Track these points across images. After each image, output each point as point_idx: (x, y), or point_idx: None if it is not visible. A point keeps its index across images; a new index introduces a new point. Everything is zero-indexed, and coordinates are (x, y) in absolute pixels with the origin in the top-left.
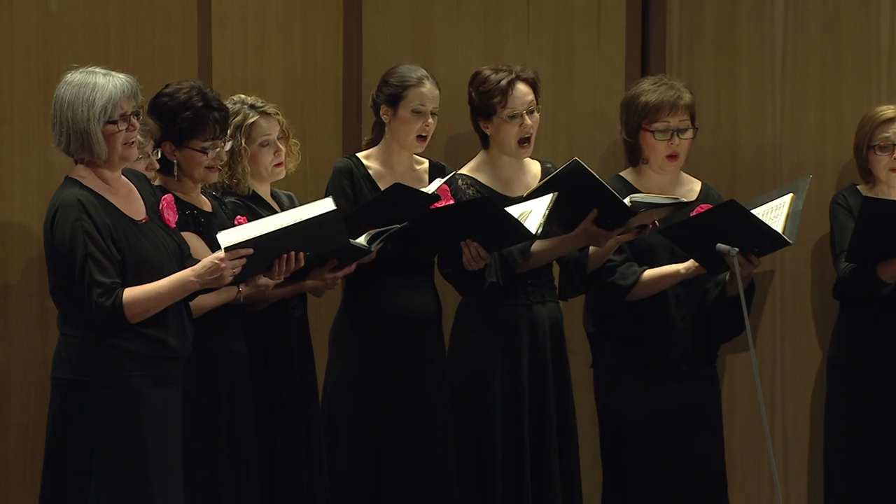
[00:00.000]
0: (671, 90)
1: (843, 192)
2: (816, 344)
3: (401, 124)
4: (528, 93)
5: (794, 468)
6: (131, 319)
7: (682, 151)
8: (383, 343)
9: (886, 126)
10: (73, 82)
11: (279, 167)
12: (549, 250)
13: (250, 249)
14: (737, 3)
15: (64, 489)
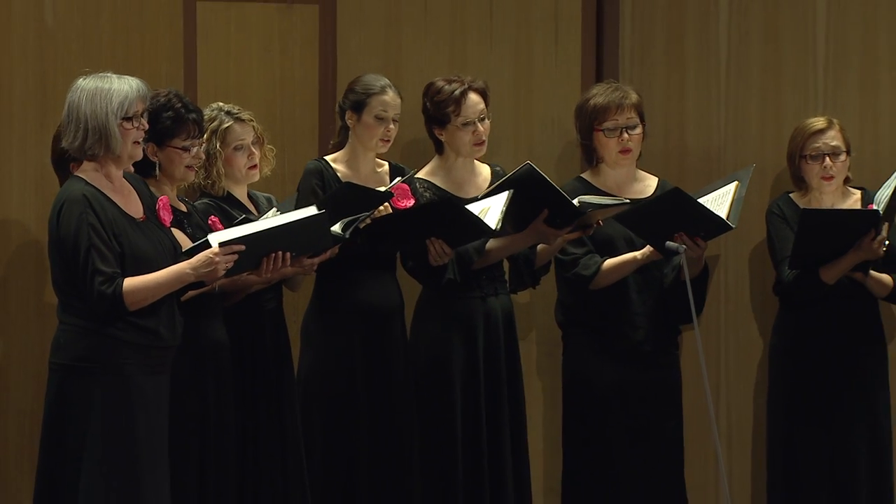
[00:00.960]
0: (617, 91)
1: (777, 201)
2: (758, 335)
3: (364, 129)
4: (479, 102)
5: (738, 451)
6: (130, 307)
7: (633, 146)
8: (352, 332)
9: (817, 137)
10: (89, 84)
11: (253, 170)
12: (502, 248)
13: (242, 246)
14: (684, 18)
15: (58, 469)
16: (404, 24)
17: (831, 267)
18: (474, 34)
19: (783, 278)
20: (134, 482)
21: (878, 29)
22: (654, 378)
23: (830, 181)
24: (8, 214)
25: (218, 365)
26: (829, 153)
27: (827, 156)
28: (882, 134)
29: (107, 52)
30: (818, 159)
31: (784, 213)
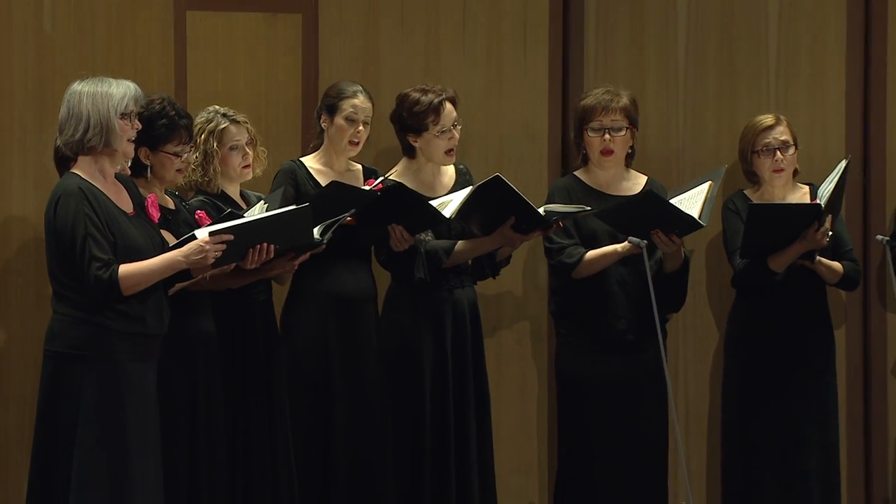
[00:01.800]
0: (607, 94)
1: (732, 197)
2: (714, 324)
3: (336, 131)
4: (452, 110)
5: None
6: (125, 292)
7: (616, 148)
8: (328, 318)
9: (767, 133)
10: (88, 84)
11: (246, 169)
12: (469, 250)
13: (231, 235)
14: (644, 28)
15: (52, 451)
16: (382, 33)
17: (779, 256)
18: (448, 43)
19: (735, 266)
20: (124, 464)
21: (825, 37)
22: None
23: (781, 173)
24: (9, 211)
25: (207, 355)
26: (779, 147)
27: (777, 150)
28: (829, 132)
29: (102, 58)
30: (769, 154)
31: (737, 207)
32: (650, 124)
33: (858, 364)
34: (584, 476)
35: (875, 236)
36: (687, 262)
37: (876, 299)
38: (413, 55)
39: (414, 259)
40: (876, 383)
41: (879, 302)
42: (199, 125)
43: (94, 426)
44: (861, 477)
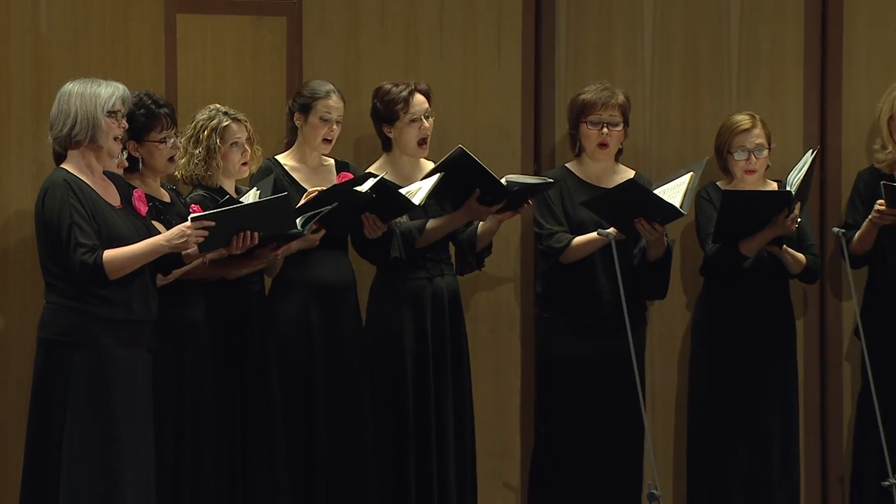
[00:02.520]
0: (606, 91)
1: (706, 187)
2: (682, 311)
3: (310, 129)
4: (423, 101)
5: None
6: (110, 275)
7: (611, 142)
8: (310, 305)
9: (743, 136)
10: (79, 84)
11: (245, 167)
12: (441, 226)
13: (212, 222)
14: (613, 31)
15: (43, 433)
16: (363, 35)
17: (749, 241)
18: (426, 46)
19: (706, 251)
20: (113, 447)
21: (784, 41)
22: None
23: (753, 174)
24: (7, 205)
25: (195, 343)
26: (753, 150)
27: (751, 152)
28: (788, 131)
29: (95, 59)
30: (743, 155)
31: (710, 196)
32: None
33: (815, 350)
34: (560, 456)
35: (832, 228)
36: (669, 250)
37: (830, 289)
38: (392, 56)
39: (389, 242)
40: (832, 368)
41: (833, 293)
42: (201, 122)
43: (83, 410)
44: (818, 456)
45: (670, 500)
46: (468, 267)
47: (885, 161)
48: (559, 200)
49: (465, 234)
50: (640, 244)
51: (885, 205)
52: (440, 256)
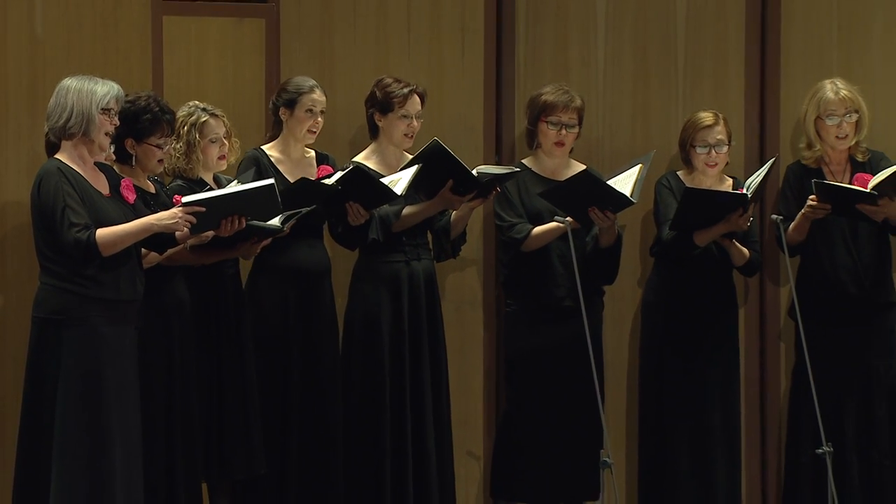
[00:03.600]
0: (566, 94)
1: (667, 176)
2: (633, 289)
3: (296, 122)
4: (419, 103)
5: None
6: (103, 251)
7: (567, 142)
8: (288, 289)
9: (706, 132)
10: (77, 81)
11: (222, 160)
12: (417, 213)
13: (203, 208)
14: (568, 32)
15: (37, 406)
16: (336, 36)
17: (704, 233)
18: (395, 45)
19: (662, 237)
20: (103, 419)
21: (726, 42)
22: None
23: (714, 168)
24: (5, 195)
25: (181, 320)
26: (714, 145)
27: (712, 147)
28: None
29: (87, 58)
30: (705, 149)
31: (671, 185)
32: None
33: (755, 330)
34: (522, 431)
35: (770, 216)
36: (620, 237)
37: (768, 276)
38: (364, 56)
39: (368, 225)
40: (770, 346)
41: (770, 279)
42: (181, 118)
43: (74, 384)
44: (757, 426)
45: (623, 467)
46: (444, 254)
47: (810, 158)
48: (517, 193)
49: (440, 223)
50: (593, 232)
51: (816, 200)
52: (418, 241)
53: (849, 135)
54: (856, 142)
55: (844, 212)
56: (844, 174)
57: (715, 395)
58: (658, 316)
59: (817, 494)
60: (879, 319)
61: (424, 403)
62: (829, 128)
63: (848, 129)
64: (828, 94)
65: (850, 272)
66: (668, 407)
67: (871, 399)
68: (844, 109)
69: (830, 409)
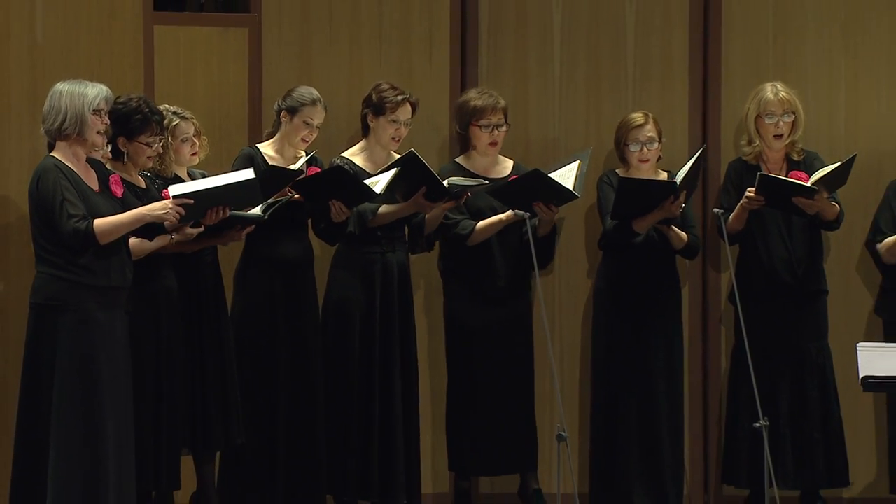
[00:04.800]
0: (491, 97)
1: (608, 173)
2: (584, 278)
3: (293, 129)
4: (409, 111)
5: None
6: (100, 239)
7: (499, 140)
8: (274, 279)
9: (637, 131)
10: (68, 85)
11: (194, 156)
12: (392, 213)
13: (191, 200)
14: (527, 39)
15: (35, 387)
16: (314, 44)
17: (641, 220)
18: (368, 54)
19: (605, 226)
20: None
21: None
22: (511, 313)
23: (646, 163)
24: (7, 189)
25: (168, 306)
26: (646, 142)
27: (644, 144)
28: (675, 128)
29: (84, 63)
30: (637, 147)
31: (611, 181)
32: (532, 118)
33: (698, 314)
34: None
35: (712, 209)
36: (555, 227)
37: (710, 263)
38: (339, 62)
39: (344, 230)
40: (712, 329)
41: (712, 266)
42: None
43: (70, 364)
44: (700, 402)
45: (576, 439)
46: (419, 247)
47: (751, 154)
48: None
49: (416, 219)
50: (528, 224)
51: (754, 192)
52: (395, 234)
53: (784, 134)
54: (791, 141)
55: (779, 205)
56: (781, 171)
57: (660, 373)
58: (608, 301)
59: (754, 464)
60: (811, 305)
61: (393, 383)
62: (768, 126)
63: (784, 129)
64: (768, 94)
65: (784, 262)
66: (617, 385)
67: (802, 378)
68: (782, 110)
69: (766, 387)
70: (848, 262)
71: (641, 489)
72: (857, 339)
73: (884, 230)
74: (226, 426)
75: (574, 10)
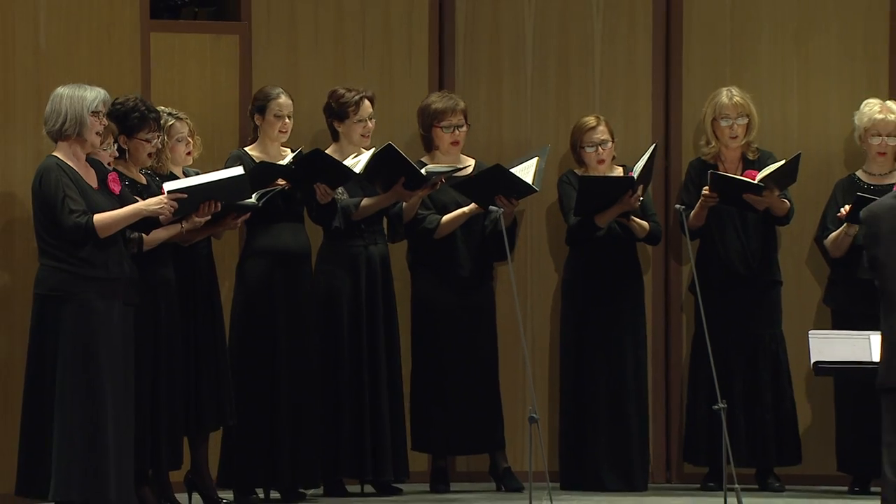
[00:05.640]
0: (451, 100)
1: (567, 174)
2: (553, 271)
3: (268, 125)
4: (369, 106)
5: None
6: (100, 233)
7: (460, 140)
8: (274, 268)
9: (590, 133)
10: (69, 89)
11: (189, 156)
12: (373, 204)
13: (185, 195)
14: (501, 47)
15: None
16: (300, 51)
17: (603, 215)
18: (351, 58)
19: (569, 223)
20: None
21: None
22: (474, 300)
23: (602, 163)
24: (14, 185)
25: (167, 296)
26: (599, 143)
27: (598, 146)
28: (639, 128)
29: (84, 68)
30: (592, 148)
31: (571, 181)
32: (504, 119)
33: (661, 303)
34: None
35: (674, 206)
36: (515, 220)
37: (671, 256)
38: (324, 66)
39: (334, 214)
40: (674, 318)
41: (673, 258)
42: None
43: (72, 350)
44: (662, 386)
45: (546, 421)
46: (398, 236)
47: (709, 154)
48: None
49: (393, 210)
50: (491, 217)
51: (709, 190)
52: (374, 228)
53: (739, 135)
54: (746, 142)
55: (731, 201)
56: (737, 171)
57: (626, 359)
58: (575, 291)
59: (712, 444)
60: (765, 295)
61: (379, 367)
62: (724, 128)
63: (738, 131)
64: (723, 99)
65: (739, 255)
66: (586, 369)
67: (757, 363)
68: (736, 113)
69: (724, 372)
70: (800, 256)
71: (609, 467)
72: (808, 327)
73: (829, 226)
74: (218, 408)
75: (545, 19)
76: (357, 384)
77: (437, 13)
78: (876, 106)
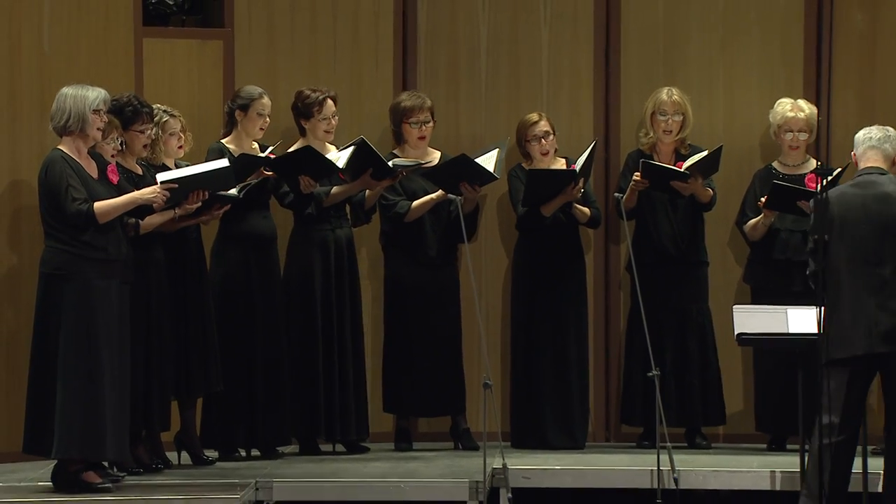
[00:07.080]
0: (419, 98)
1: (515, 168)
2: (504, 254)
3: (249, 122)
4: (332, 105)
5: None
6: (100, 219)
7: (427, 135)
8: (248, 250)
9: (533, 128)
10: (72, 89)
11: (180, 149)
12: (342, 192)
13: (176, 185)
14: (458, 51)
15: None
16: (278, 55)
17: (548, 205)
18: (324, 61)
19: (518, 213)
20: (97, 356)
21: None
22: (440, 278)
23: (546, 155)
24: (21, 175)
25: (157, 276)
26: (542, 136)
27: (541, 139)
28: (582, 124)
29: (84, 70)
30: (536, 142)
31: (519, 174)
32: (462, 116)
33: (601, 281)
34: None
35: (613, 194)
36: (478, 205)
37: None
38: (299, 69)
39: (308, 202)
40: (612, 294)
41: (612, 240)
42: None
43: (74, 325)
44: (603, 356)
45: (499, 387)
46: (360, 221)
47: (647, 144)
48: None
49: (356, 198)
50: (454, 202)
51: (640, 176)
52: (340, 213)
53: (673, 131)
54: (680, 138)
55: (660, 187)
56: (670, 162)
57: (570, 331)
58: (524, 272)
59: (647, 407)
60: (693, 273)
61: (345, 338)
62: (660, 122)
63: (673, 126)
64: (663, 96)
65: (669, 237)
66: (534, 341)
67: (685, 334)
68: (673, 110)
69: (657, 342)
70: (723, 238)
71: (554, 428)
72: (731, 302)
73: (748, 213)
74: (206, 375)
75: (498, 27)
76: (327, 353)
77: (400, 21)
78: (788, 105)
